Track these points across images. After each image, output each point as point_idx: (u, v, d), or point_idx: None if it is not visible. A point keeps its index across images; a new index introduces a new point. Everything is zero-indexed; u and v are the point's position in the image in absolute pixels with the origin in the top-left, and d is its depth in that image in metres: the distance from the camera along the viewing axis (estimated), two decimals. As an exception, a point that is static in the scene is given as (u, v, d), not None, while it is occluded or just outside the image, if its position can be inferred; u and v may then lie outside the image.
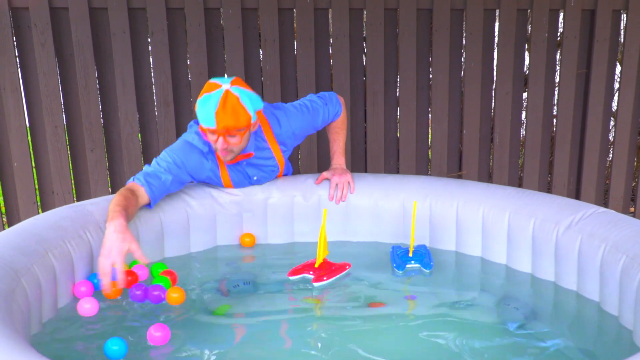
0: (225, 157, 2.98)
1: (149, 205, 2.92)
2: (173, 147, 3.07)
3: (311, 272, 2.74)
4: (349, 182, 3.28)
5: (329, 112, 3.34)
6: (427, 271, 2.92)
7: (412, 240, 2.99)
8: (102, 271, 2.40)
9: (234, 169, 3.18)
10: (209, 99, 2.81)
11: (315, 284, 2.69)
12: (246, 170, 3.21)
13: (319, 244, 2.77)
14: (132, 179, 2.90)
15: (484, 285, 2.80)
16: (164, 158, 3.00)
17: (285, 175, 3.46)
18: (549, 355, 2.16)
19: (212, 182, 3.23)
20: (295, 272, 2.77)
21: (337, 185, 3.27)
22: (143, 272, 2.66)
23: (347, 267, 2.87)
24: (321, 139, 4.73)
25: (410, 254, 2.98)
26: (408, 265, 2.94)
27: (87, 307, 2.39)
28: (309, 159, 4.72)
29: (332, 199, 3.24)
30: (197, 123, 3.12)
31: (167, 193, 3.01)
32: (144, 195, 2.86)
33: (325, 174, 3.33)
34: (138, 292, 2.49)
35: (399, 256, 3.01)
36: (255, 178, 3.27)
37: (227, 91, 2.81)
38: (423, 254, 3.00)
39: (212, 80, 2.88)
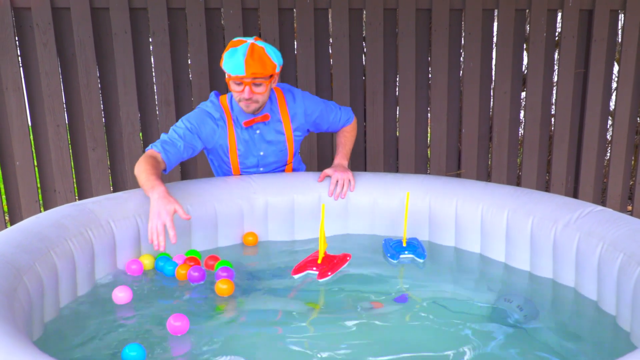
0: (249, 107, 3.14)
1: (164, 171, 3.07)
2: (189, 114, 3.26)
3: (314, 269, 2.74)
4: (349, 180, 3.28)
5: (342, 115, 3.53)
6: (421, 261, 2.94)
7: (405, 231, 3.02)
8: (155, 230, 2.63)
9: (245, 134, 3.29)
10: (236, 50, 3.02)
11: (320, 280, 2.69)
12: (256, 139, 3.31)
13: (320, 240, 2.77)
14: (150, 146, 3.08)
15: (483, 283, 2.80)
16: (179, 125, 3.18)
17: (295, 170, 3.51)
18: (547, 351, 2.16)
19: (221, 153, 3.34)
20: (298, 269, 2.76)
21: (337, 181, 3.27)
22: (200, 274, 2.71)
23: (348, 258, 2.88)
24: (321, 138, 4.73)
25: (404, 244, 3.01)
26: (402, 256, 2.96)
27: (121, 295, 2.49)
28: (309, 157, 4.72)
29: (331, 195, 3.25)
30: (218, 95, 3.34)
31: (181, 160, 3.17)
32: (161, 162, 3.03)
33: (326, 171, 3.32)
34: (224, 274, 2.65)
35: (392, 247, 3.03)
36: (262, 153, 3.35)
37: (252, 43, 3.04)
38: (416, 245, 3.03)
39: (236, 39, 3.09)
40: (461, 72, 4.89)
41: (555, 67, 5.02)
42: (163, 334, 2.24)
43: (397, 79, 4.82)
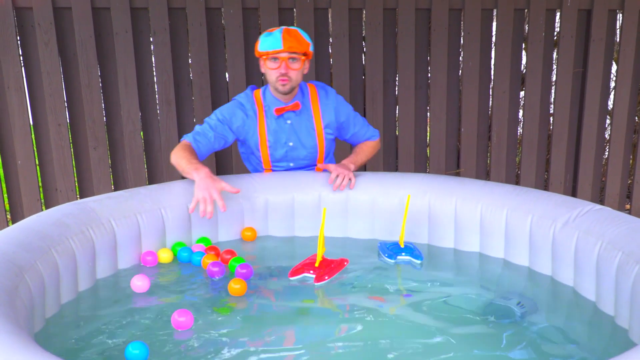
0: (285, 85, 3.26)
1: None
2: (223, 106, 3.41)
3: (312, 272, 2.73)
4: (350, 178, 3.26)
5: (368, 130, 3.61)
6: (418, 262, 2.93)
7: (403, 233, 3.00)
8: (203, 200, 2.84)
9: (275, 124, 3.38)
10: (271, 32, 3.21)
11: (317, 284, 2.68)
12: (286, 129, 3.40)
13: (319, 243, 2.76)
14: (183, 137, 3.26)
15: (482, 281, 2.79)
16: (212, 117, 3.34)
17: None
18: (547, 347, 2.15)
19: (251, 145, 3.42)
20: (295, 272, 2.75)
21: (337, 175, 3.26)
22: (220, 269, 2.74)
23: (346, 262, 2.85)
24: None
25: (402, 246, 3.00)
26: (399, 257, 2.95)
27: (139, 284, 2.57)
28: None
29: (331, 182, 3.25)
30: (253, 88, 3.46)
31: (213, 150, 3.32)
32: (189, 145, 3.20)
33: (329, 165, 3.35)
34: (243, 271, 2.67)
35: (389, 248, 3.02)
36: (291, 144, 3.42)
37: (286, 27, 3.24)
38: (412, 248, 3.02)
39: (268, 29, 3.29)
40: (460, 71, 4.90)
41: (554, 66, 5.03)
42: (165, 331, 2.24)
43: (397, 79, 4.82)
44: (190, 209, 2.90)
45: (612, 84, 5.19)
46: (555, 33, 5.00)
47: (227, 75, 4.64)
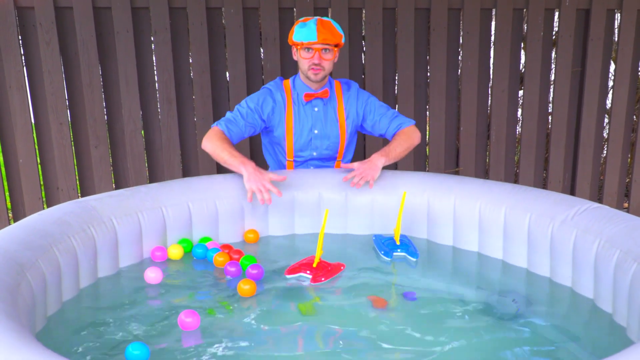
0: (317, 74, 3.38)
1: None
2: (253, 94, 3.50)
3: (308, 272, 2.73)
4: (369, 180, 3.21)
5: (395, 118, 3.51)
6: (414, 260, 2.94)
7: (399, 229, 3.01)
8: (258, 189, 3.01)
9: (302, 111, 3.48)
10: (305, 23, 3.33)
11: (313, 284, 2.68)
12: (313, 115, 3.49)
13: (318, 245, 2.76)
14: (215, 123, 3.34)
15: (480, 279, 2.80)
16: (243, 105, 3.42)
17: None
18: (544, 345, 2.15)
19: (278, 132, 3.49)
20: (292, 270, 2.75)
21: (360, 171, 3.22)
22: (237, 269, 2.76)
23: (342, 267, 2.84)
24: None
25: (398, 242, 3.01)
26: (395, 254, 2.96)
27: (152, 276, 2.65)
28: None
29: (346, 180, 3.24)
30: (282, 79, 3.57)
31: (242, 138, 3.39)
32: (223, 134, 3.29)
33: (355, 163, 3.30)
34: (254, 272, 2.68)
35: (385, 244, 3.03)
36: (316, 132, 3.49)
37: (320, 18, 3.35)
38: (408, 244, 3.03)
39: (302, 18, 3.41)
40: (459, 70, 4.89)
41: (553, 65, 5.03)
42: (168, 329, 2.24)
43: (396, 78, 4.82)
44: (249, 199, 3.05)
45: (611, 83, 5.19)
46: (554, 32, 5.00)
47: (227, 74, 4.64)
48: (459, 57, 4.88)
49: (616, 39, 5.03)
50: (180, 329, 2.23)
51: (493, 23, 4.85)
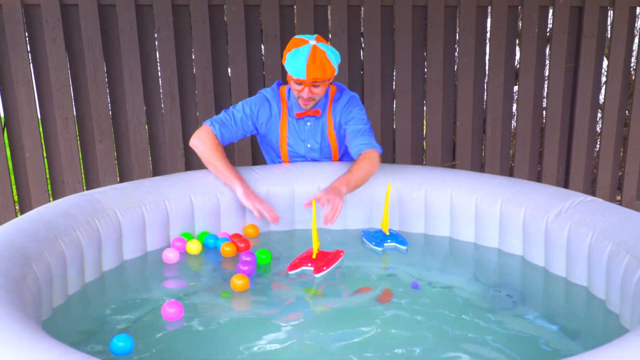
0: (307, 105, 3.21)
1: None
2: (250, 98, 3.35)
3: (310, 264, 2.73)
4: (337, 208, 2.88)
5: (367, 138, 3.22)
6: (404, 248, 2.95)
7: (387, 221, 3.02)
8: (258, 207, 2.99)
9: (295, 124, 3.35)
10: (298, 52, 3.03)
11: (317, 275, 2.67)
12: (305, 130, 3.36)
13: (313, 236, 2.75)
14: (209, 122, 3.22)
15: (476, 271, 2.79)
16: (238, 109, 3.28)
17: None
18: (539, 336, 2.15)
19: (272, 139, 3.39)
20: (293, 266, 2.73)
21: (328, 201, 2.89)
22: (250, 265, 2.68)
23: (342, 253, 2.84)
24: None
25: (388, 233, 3.02)
26: (385, 244, 2.98)
27: (170, 256, 2.77)
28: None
29: (307, 207, 2.94)
30: (279, 84, 3.40)
31: (232, 141, 3.31)
32: (215, 137, 3.20)
33: (317, 194, 2.92)
34: (245, 268, 2.62)
35: (375, 236, 3.04)
36: (309, 146, 3.39)
37: (314, 46, 3.03)
38: (396, 235, 3.05)
39: (298, 37, 3.11)
40: (456, 66, 4.89)
41: (547, 62, 5.02)
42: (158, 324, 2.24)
43: (394, 74, 4.81)
44: (258, 216, 3.01)
45: (603, 79, 5.18)
46: (548, 29, 4.98)
47: (229, 70, 4.63)
48: (456, 53, 4.87)
49: (609, 36, 5.02)
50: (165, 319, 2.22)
51: (489, 20, 4.84)
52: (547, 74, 5.02)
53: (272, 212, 3.01)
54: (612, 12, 4.92)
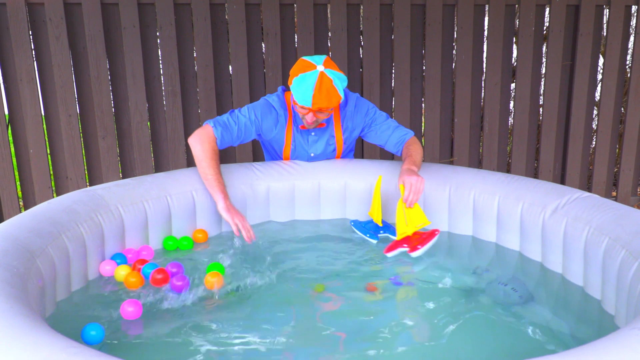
0: (310, 126, 3.12)
1: None
2: (255, 104, 3.22)
3: (405, 245, 2.76)
4: (419, 188, 2.85)
5: (396, 131, 3.26)
6: (395, 237, 2.96)
7: (380, 212, 3.03)
8: (243, 227, 2.85)
9: (300, 134, 3.27)
10: (305, 79, 2.91)
11: (412, 254, 2.71)
12: (310, 140, 3.29)
13: (398, 218, 2.81)
14: (212, 123, 3.09)
15: (476, 266, 2.79)
16: (243, 114, 3.17)
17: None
18: (536, 330, 2.15)
19: (275, 146, 3.33)
20: (390, 248, 2.79)
21: (411, 184, 2.85)
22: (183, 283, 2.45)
23: (436, 232, 2.84)
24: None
25: (381, 224, 3.05)
26: (379, 235, 3.00)
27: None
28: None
29: (406, 202, 2.88)
30: (284, 90, 3.29)
31: (231, 145, 3.20)
32: (214, 142, 3.07)
33: (400, 179, 2.90)
34: (179, 283, 2.40)
35: (368, 228, 3.05)
36: (312, 154, 3.34)
37: (322, 73, 2.90)
38: (388, 225, 3.08)
39: (306, 59, 2.98)
40: (454, 64, 4.88)
41: (544, 59, 5.02)
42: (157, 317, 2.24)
43: (393, 71, 4.80)
44: (236, 232, 2.86)
45: (599, 76, 5.17)
46: (545, 28, 4.98)
47: (230, 68, 4.62)
48: (454, 51, 4.87)
49: (605, 34, 5.02)
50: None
51: (486, 18, 4.84)
52: (543, 71, 5.02)
53: (250, 232, 2.86)
54: (607, 10, 4.92)
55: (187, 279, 2.42)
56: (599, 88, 5.18)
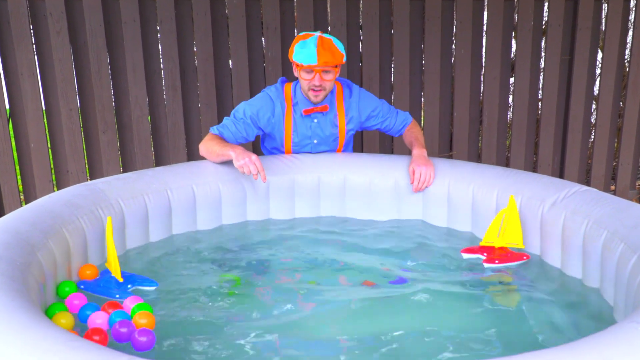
0: (318, 96, 3.20)
1: None
2: (252, 99, 3.34)
3: (485, 254, 2.71)
4: (430, 175, 3.12)
5: (400, 115, 3.48)
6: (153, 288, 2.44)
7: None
8: (245, 164, 2.89)
9: (301, 122, 3.33)
10: (306, 42, 3.11)
11: (485, 265, 2.65)
12: (312, 127, 3.34)
13: (492, 226, 2.75)
14: (211, 129, 3.23)
15: (474, 261, 2.79)
16: (240, 112, 3.27)
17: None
18: (535, 326, 2.15)
19: (276, 138, 3.37)
20: (469, 250, 2.76)
21: (421, 173, 3.12)
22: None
23: (525, 258, 2.70)
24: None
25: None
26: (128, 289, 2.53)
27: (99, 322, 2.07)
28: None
29: (415, 189, 3.15)
30: (284, 82, 3.39)
31: (236, 143, 3.23)
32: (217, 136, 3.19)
33: (410, 166, 3.17)
34: (124, 330, 1.99)
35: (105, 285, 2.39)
36: (315, 142, 3.38)
37: (320, 36, 3.12)
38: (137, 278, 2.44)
39: (302, 33, 3.19)
40: (453, 58, 4.87)
41: (542, 54, 5.01)
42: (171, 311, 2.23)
43: (392, 65, 4.80)
44: (247, 172, 2.90)
45: (598, 71, 5.16)
46: (544, 22, 4.97)
47: (230, 62, 4.62)
48: (453, 45, 4.86)
49: (603, 29, 5.01)
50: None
51: (485, 13, 4.83)
52: (542, 66, 5.01)
53: (262, 172, 2.90)
54: (606, 5, 4.92)
55: (152, 334, 1.98)
56: (597, 82, 5.18)
